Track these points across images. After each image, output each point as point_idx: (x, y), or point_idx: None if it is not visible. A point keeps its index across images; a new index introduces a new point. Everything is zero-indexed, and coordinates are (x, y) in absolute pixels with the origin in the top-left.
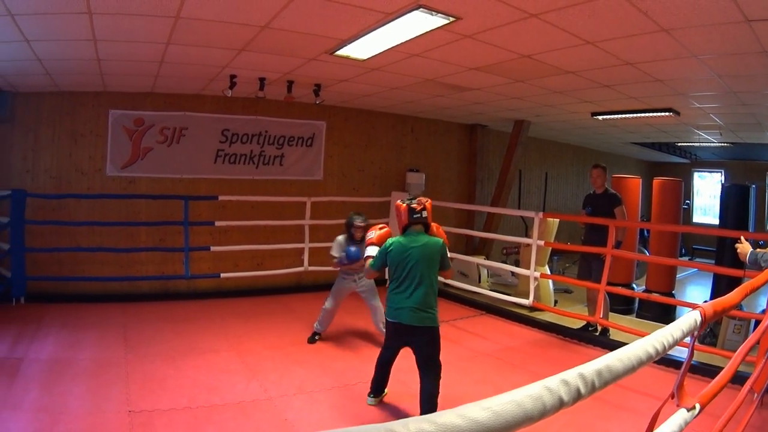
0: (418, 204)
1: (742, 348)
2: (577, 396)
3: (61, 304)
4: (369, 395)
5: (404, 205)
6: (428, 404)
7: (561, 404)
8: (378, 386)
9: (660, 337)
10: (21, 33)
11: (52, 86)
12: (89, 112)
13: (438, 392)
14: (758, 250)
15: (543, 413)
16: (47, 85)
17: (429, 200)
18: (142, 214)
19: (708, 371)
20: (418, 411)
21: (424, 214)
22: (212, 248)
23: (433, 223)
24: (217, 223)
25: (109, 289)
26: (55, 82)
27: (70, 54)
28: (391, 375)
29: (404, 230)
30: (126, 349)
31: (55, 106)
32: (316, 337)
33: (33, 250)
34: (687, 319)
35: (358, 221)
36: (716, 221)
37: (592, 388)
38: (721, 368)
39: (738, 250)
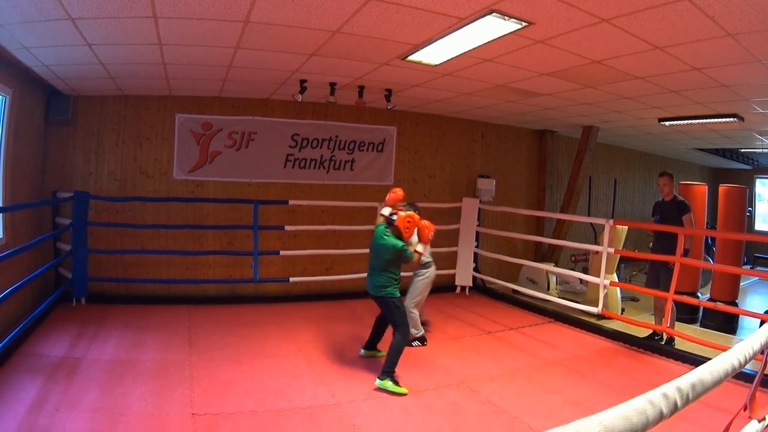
0: (394, 211)
1: None
2: (674, 409)
3: (124, 305)
4: (362, 348)
5: (385, 213)
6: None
7: (661, 417)
8: (369, 341)
9: (743, 349)
10: (82, 37)
11: (115, 90)
12: (154, 116)
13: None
14: None
15: (646, 426)
16: (110, 88)
17: (408, 213)
18: (209, 217)
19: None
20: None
21: (394, 218)
22: (281, 252)
23: (406, 226)
24: (287, 228)
25: (174, 292)
26: (119, 86)
27: (134, 58)
28: None
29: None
30: (191, 351)
31: (118, 110)
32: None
33: (95, 252)
34: (765, 331)
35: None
36: None
37: (686, 401)
38: None
39: None
